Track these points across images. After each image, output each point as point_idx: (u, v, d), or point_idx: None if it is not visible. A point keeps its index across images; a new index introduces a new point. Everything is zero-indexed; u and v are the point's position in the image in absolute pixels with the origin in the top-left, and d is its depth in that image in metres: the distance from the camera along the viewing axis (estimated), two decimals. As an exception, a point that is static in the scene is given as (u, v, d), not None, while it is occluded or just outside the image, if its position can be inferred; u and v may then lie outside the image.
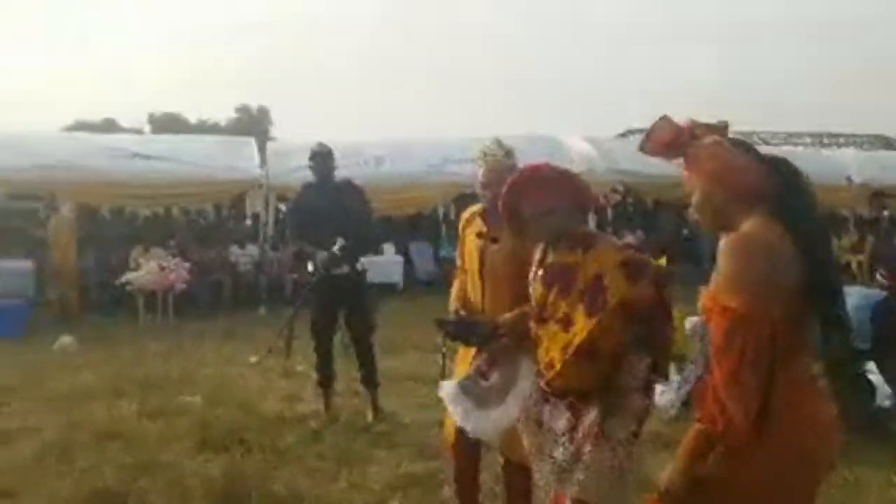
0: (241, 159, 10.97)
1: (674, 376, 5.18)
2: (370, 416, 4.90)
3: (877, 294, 4.91)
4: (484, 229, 2.94)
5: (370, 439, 4.56)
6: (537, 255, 2.43)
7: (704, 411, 1.71)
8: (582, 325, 2.19)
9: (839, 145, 19.84)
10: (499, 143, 2.98)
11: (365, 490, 3.79)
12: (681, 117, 1.90)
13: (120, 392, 5.62)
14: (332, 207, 4.89)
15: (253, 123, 39.27)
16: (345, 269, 4.82)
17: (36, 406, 5.27)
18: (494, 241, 2.86)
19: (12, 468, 4.02)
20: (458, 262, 3.16)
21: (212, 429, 4.62)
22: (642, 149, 1.89)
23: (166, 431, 4.67)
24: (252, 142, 11.84)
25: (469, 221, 3.07)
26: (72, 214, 9.54)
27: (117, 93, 69.08)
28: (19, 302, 8.43)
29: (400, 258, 11.66)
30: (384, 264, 11.31)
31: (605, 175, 11.83)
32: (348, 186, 5.15)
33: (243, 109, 42.87)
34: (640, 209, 14.69)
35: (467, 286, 3.02)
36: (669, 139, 1.84)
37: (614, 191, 13.95)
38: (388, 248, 11.78)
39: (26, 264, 9.62)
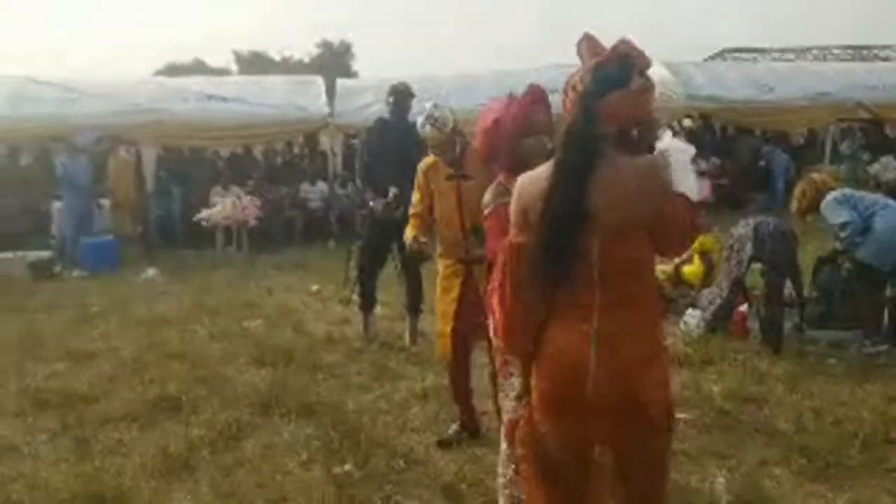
0: (310, 98, 11.33)
1: (703, 299, 5.24)
2: (407, 339, 5.26)
3: None
4: (451, 171, 3.35)
5: (405, 358, 4.95)
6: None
7: (494, 324, 2.02)
8: None
9: None
10: (431, 116, 3.39)
11: (391, 400, 4.19)
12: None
13: (192, 317, 6.25)
14: (399, 147, 5.09)
15: (334, 59, 39.54)
16: (400, 210, 5.05)
17: (119, 329, 5.97)
18: (466, 177, 3.28)
19: (94, 380, 4.68)
20: (416, 208, 3.59)
21: (266, 349, 5.15)
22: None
23: (227, 351, 5.23)
24: (320, 81, 12.13)
25: (432, 170, 3.47)
26: (129, 156, 10.24)
27: (206, 32, 71.29)
28: (112, 238, 9.27)
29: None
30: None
31: (684, 101, 11.48)
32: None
33: (325, 45, 43.00)
34: (718, 136, 14.15)
35: (440, 226, 3.44)
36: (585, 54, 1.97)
37: (689, 116, 13.54)
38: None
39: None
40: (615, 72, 1.87)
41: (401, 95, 5.24)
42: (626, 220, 1.81)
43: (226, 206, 9.78)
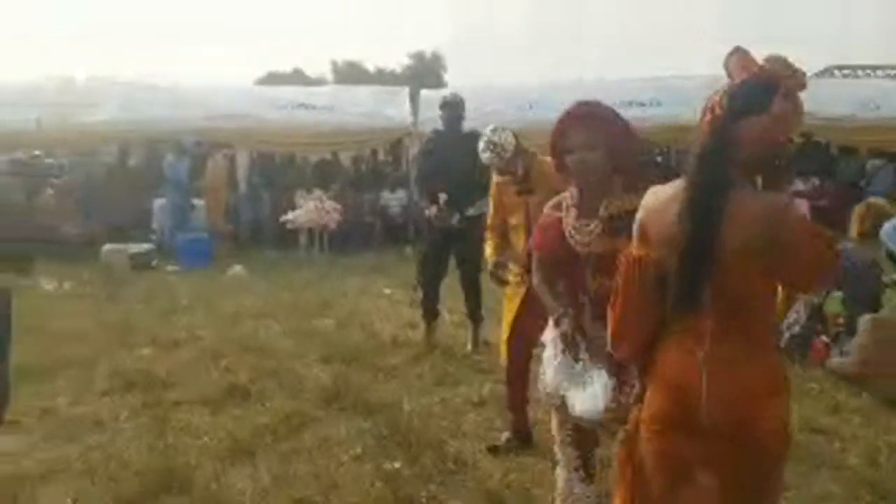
0: (395, 108, 11.65)
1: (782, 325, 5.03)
2: (469, 346, 5.34)
3: None
4: (517, 188, 3.47)
5: (466, 364, 5.02)
6: (568, 206, 2.50)
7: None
8: None
9: None
10: (490, 142, 3.50)
11: (448, 405, 4.26)
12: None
13: (269, 313, 6.55)
14: (452, 157, 5.23)
15: (426, 70, 40.30)
16: (455, 218, 5.17)
17: (203, 321, 6.33)
18: (530, 191, 3.39)
19: (174, 367, 5.00)
20: (492, 220, 3.70)
21: (333, 347, 5.35)
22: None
23: (297, 347, 5.46)
24: (405, 91, 12.44)
25: (504, 186, 3.62)
26: (225, 161, 10.81)
27: (306, 43, 74.91)
28: (206, 235, 9.84)
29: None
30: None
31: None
32: (472, 138, 5.41)
33: (417, 56, 43.89)
34: (820, 155, 13.45)
35: (511, 237, 3.56)
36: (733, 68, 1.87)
37: (787, 135, 12.96)
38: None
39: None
40: (756, 95, 1.78)
41: (449, 107, 5.38)
42: (747, 251, 1.77)
43: (308, 209, 10.16)
